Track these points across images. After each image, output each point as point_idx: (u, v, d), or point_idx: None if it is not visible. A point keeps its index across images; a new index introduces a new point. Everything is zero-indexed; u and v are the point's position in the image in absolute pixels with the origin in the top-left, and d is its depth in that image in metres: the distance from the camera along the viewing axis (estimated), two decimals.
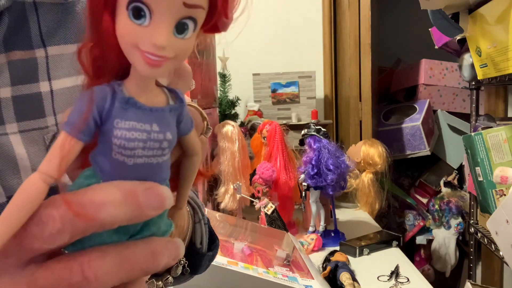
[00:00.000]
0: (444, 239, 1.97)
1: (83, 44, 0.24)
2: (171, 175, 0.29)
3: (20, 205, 0.23)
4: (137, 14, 0.22)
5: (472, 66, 1.46)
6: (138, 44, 0.22)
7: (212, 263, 0.52)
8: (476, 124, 1.53)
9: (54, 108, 0.39)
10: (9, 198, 0.36)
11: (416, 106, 2.04)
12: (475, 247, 1.72)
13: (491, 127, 1.36)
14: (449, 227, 1.97)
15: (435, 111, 2.13)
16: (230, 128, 1.46)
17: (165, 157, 0.25)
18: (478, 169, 1.33)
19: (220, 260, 0.86)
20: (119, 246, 0.25)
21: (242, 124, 1.77)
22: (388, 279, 1.13)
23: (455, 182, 2.03)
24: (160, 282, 0.42)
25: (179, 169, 0.30)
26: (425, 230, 2.06)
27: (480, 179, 1.33)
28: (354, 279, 1.03)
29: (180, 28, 0.23)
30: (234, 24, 0.26)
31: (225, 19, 0.25)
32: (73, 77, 0.40)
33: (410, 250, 2.10)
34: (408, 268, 1.20)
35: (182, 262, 0.44)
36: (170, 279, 0.44)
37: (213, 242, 0.50)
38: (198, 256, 0.48)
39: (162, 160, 0.25)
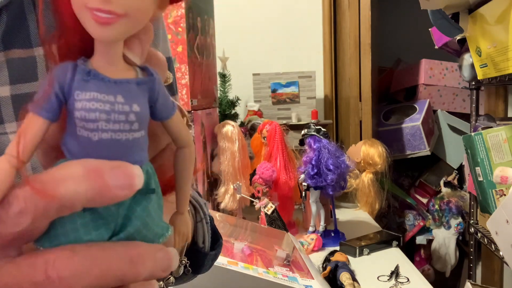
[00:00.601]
0: (444, 239, 1.97)
1: (50, 36, 0.23)
2: (168, 176, 0.28)
3: None
4: None
5: (472, 66, 1.46)
6: (87, 2, 0.21)
7: None
8: (476, 124, 1.53)
9: None
10: None
11: (416, 106, 2.04)
12: (475, 247, 1.72)
13: (491, 127, 1.36)
14: (449, 227, 1.97)
15: (435, 111, 2.13)
16: (230, 128, 1.46)
17: (136, 134, 0.23)
18: (478, 169, 1.33)
19: (220, 260, 0.86)
20: (93, 247, 0.23)
21: (242, 124, 1.77)
22: (388, 279, 1.13)
23: (455, 182, 2.03)
24: (161, 282, 0.42)
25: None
26: (425, 230, 2.06)
27: (480, 179, 1.33)
28: (354, 279, 1.03)
29: None
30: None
31: None
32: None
33: (410, 250, 2.10)
34: (408, 268, 1.20)
35: (184, 262, 0.43)
36: (172, 279, 0.44)
37: (216, 241, 0.50)
38: (200, 256, 0.47)
39: (133, 137, 0.23)
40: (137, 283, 0.24)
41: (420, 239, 2.08)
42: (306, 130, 1.43)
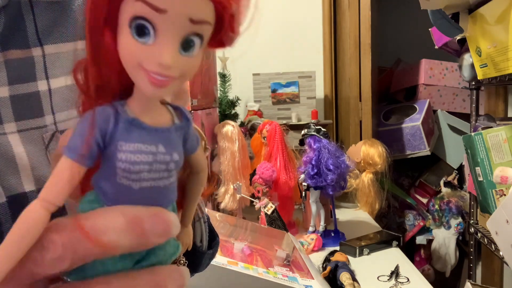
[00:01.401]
0: (444, 239, 1.96)
1: (80, 61, 0.23)
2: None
3: (20, 235, 0.22)
4: (141, 31, 0.21)
5: (472, 66, 1.46)
6: (143, 63, 0.21)
7: (212, 263, 0.51)
8: (476, 124, 1.53)
9: (52, 107, 0.39)
10: (8, 198, 0.36)
11: (416, 106, 2.04)
12: (475, 247, 1.72)
13: (491, 127, 1.36)
14: (449, 227, 1.97)
15: (435, 111, 2.13)
16: (230, 128, 1.46)
17: (172, 179, 0.24)
18: (478, 169, 1.33)
19: (220, 260, 0.86)
20: (123, 277, 0.24)
21: (242, 124, 1.77)
22: (388, 279, 1.13)
23: (455, 182, 2.03)
24: None
25: (184, 187, 0.29)
26: (425, 230, 2.06)
27: (480, 179, 1.33)
28: (354, 279, 1.03)
29: (186, 45, 0.22)
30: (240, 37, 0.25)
31: (232, 34, 0.24)
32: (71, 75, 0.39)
33: (410, 250, 2.10)
34: (408, 268, 1.20)
35: (182, 261, 0.43)
36: None
37: (213, 239, 0.50)
38: (198, 255, 0.47)
39: (169, 182, 0.24)
40: None
41: (420, 239, 2.08)
42: (306, 130, 1.43)
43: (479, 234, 1.51)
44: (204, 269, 0.49)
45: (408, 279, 1.13)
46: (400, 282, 1.11)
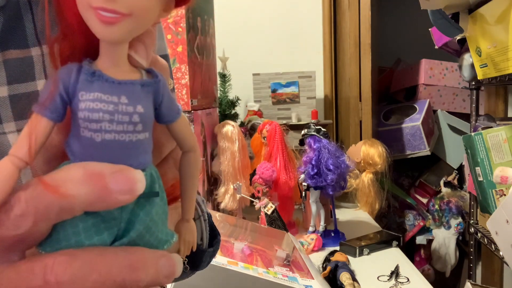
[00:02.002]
0: (444, 239, 1.97)
1: (53, 38, 0.23)
2: (170, 186, 0.28)
3: None
4: None
5: (472, 66, 1.46)
6: (91, 2, 0.21)
7: (212, 262, 0.51)
8: (476, 124, 1.54)
9: None
10: None
11: (416, 106, 2.04)
12: (475, 247, 1.72)
13: (491, 127, 1.36)
14: (449, 227, 1.97)
15: (435, 111, 2.13)
16: (230, 128, 1.46)
17: (140, 136, 0.23)
18: (478, 169, 1.33)
19: (220, 260, 0.86)
20: (93, 252, 0.23)
21: (242, 124, 1.77)
22: (388, 279, 1.13)
23: (455, 182, 2.03)
24: None
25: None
26: (425, 230, 2.06)
27: (480, 179, 1.33)
28: (354, 279, 1.03)
29: None
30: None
31: None
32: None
33: (410, 250, 2.10)
34: (408, 268, 1.20)
35: (182, 259, 0.43)
36: None
37: (214, 237, 0.50)
38: (198, 253, 0.47)
39: (136, 138, 0.23)
40: None
41: (420, 239, 2.08)
42: (306, 130, 1.43)
43: (479, 234, 1.51)
44: (205, 267, 0.49)
45: (408, 279, 1.13)
46: (400, 282, 1.11)
